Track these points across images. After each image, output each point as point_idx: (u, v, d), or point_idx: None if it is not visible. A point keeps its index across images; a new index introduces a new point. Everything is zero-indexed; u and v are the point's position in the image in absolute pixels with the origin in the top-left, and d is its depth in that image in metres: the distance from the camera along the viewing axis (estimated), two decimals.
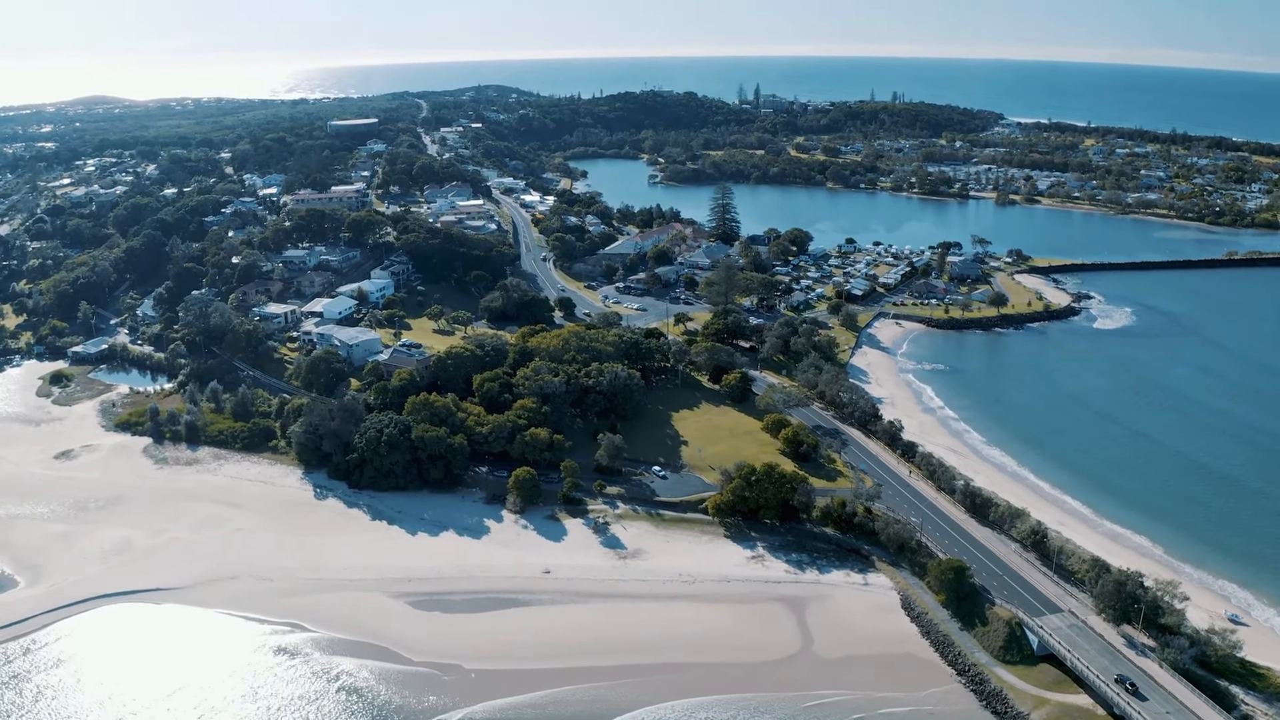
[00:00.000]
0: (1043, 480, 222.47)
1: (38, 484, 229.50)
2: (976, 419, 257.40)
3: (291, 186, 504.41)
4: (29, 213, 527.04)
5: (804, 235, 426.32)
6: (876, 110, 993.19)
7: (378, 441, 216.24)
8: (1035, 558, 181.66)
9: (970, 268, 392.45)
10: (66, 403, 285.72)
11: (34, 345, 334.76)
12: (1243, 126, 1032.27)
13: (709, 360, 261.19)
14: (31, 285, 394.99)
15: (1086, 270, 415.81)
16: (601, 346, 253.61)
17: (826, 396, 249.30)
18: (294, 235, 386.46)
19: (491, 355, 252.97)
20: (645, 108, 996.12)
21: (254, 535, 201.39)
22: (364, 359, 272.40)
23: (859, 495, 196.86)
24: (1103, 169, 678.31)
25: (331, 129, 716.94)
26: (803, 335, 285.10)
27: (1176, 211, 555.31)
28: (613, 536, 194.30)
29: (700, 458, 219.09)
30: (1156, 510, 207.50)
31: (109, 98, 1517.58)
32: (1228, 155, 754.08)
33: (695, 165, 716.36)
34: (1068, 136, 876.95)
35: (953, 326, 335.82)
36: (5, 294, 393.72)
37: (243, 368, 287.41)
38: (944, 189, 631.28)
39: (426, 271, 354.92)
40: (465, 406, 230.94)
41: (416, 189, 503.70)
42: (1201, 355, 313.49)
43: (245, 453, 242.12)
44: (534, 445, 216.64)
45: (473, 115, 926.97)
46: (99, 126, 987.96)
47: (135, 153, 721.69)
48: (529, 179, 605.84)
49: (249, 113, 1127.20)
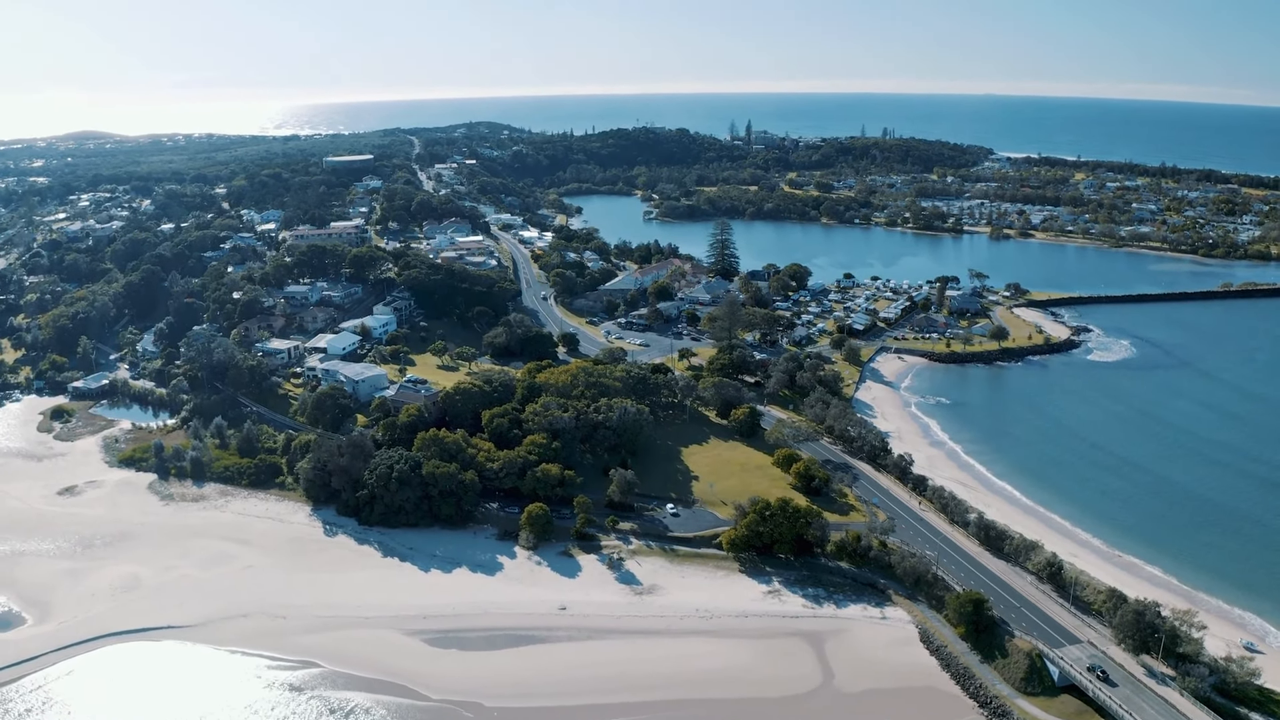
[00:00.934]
0: (1052, 513, 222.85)
1: (42, 520, 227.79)
2: (983, 452, 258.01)
3: (290, 222, 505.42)
4: (25, 247, 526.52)
5: (803, 270, 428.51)
6: (868, 146, 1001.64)
7: (388, 478, 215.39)
8: (1051, 589, 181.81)
9: (969, 302, 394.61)
10: (68, 438, 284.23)
11: (34, 380, 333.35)
12: (1231, 159, 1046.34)
13: (717, 395, 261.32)
14: (30, 320, 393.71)
15: (1084, 303, 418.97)
16: (609, 382, 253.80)
17: (835, 431, 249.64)
18: (295, 271, 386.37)
19: (499, 391, 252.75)
20: (638, 144, 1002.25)
21: (264, 572, 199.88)
22: (370, 395, 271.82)
23: (873, 529, 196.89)
24: (1094, 203, 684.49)
25: (327, 165, 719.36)
26: (808, 370, 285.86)
27: (1170, 244, 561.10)
28: (628, 572, 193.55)
29: (712, 493, 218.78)
30: (1165, 541, 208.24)
31: (99, 133, 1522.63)
32: (1217, 188, 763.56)
33: (690, 201, 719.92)
34: (1058, 171, 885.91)
35: (954, 360, 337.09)
36: (3, 328, 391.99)
37: (247, 403, 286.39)
38: (938, 224, 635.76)
39: (429, 307, 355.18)
40: (475, 442, 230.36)
41: (415, 225, 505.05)
42: (1201, 387, 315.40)
43: (252, 489, 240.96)
44: (545, 481, 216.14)
45: (466, 152, 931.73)
46: (90, 161, 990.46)
47: (129, 188, 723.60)
48: (525, 215, 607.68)
49: (241, 149, 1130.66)
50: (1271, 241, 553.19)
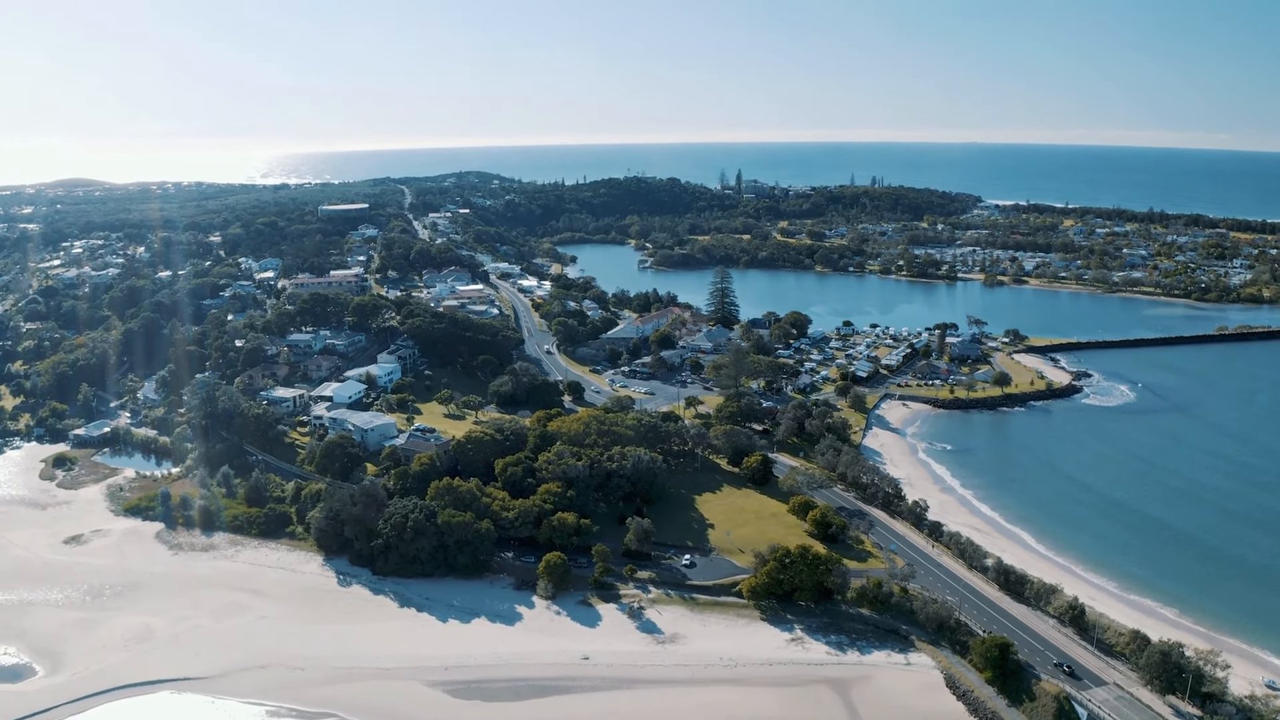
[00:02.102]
0: (1064, 557, 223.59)
1: (49, 569, 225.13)
2: (994, 498, 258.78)
3: (289, 271, 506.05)
4: (21, 293, 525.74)
5: (803, 318, 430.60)
6: (857, 194, 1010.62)
7: (403, 527, 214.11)
8: (1074, 632, 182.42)
9: (969, 348, 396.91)
10: (71, 486, 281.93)
11: (34, 427, 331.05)
12: (1215, 203, 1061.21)
13: (728, 443, 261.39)
14: (28, 366, 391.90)
15: (1082, 349, 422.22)
16: (621, 430, 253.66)
17: (848, 478, 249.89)
18: (297, 319, 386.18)
19: (511, 440, 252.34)
20: (629, 193, 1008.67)
21: (279, 623, 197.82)
22: (379, 444, 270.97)
23: (894, 575, 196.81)
24: (1085, 249, 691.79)
25: (323, 214, 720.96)
26: (817, 417, 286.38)
27: (1163, 289, 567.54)
28: (648, 621, 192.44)
29: (729, 541, 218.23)
30: (1177, 584, 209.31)
31: (88, 180, 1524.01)
32: (1206, 232, 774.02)
33: (684, 250, 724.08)
34: (1046, 218, 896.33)
35: (958, 406, 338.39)
36: (1, 375, 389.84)
37: (253, 452, 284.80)
38: (932, 271, 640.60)
39: (433, 356, 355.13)
40: (489, 491, 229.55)
41: (415, 273, 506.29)
42: (1203, 432, 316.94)
43: (262, 539, 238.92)
44: (562, 530, 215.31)
45: (460, 201, 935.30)
46: (80, 209, 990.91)
47: (122, 235, 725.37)
48: (522, 264, 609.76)
49: (231, 197, 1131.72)
50: (1264, 284, 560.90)
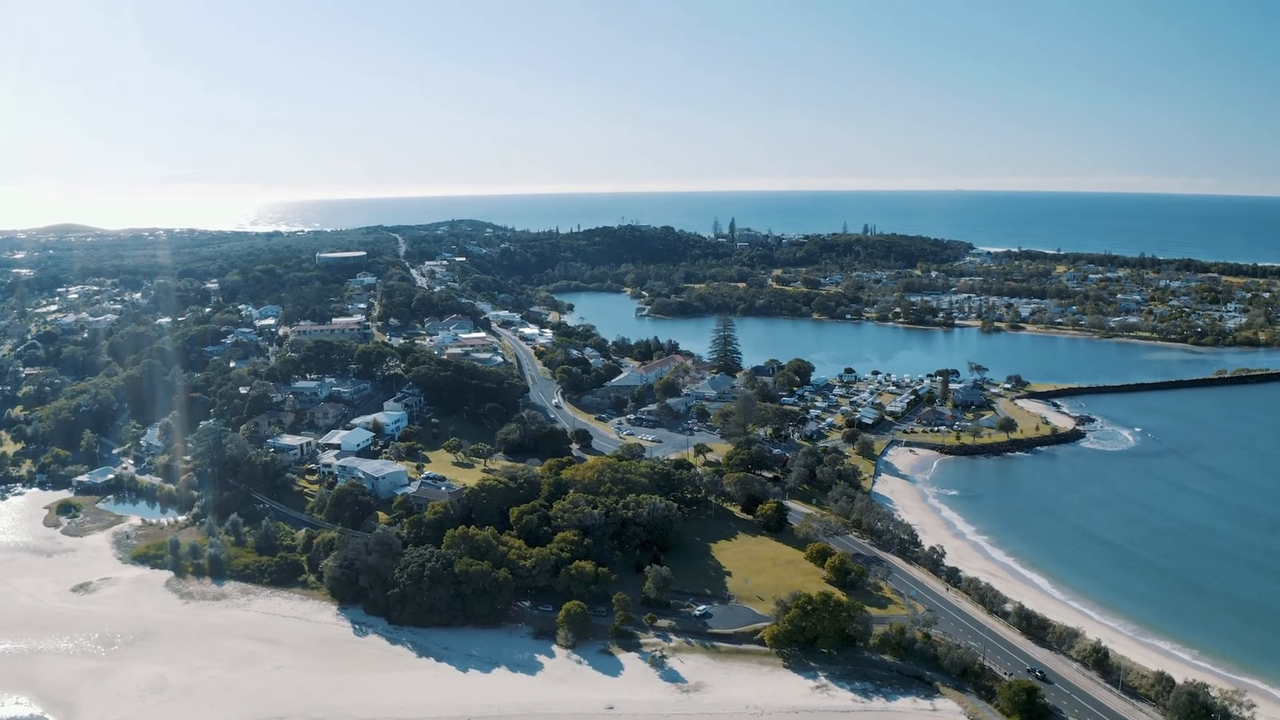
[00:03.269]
0: (1081, 600, 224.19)
1: (57, 617, 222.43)
2: (1007, 543, 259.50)
3: (290, 318, 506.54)
4: (19, 338, 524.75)
5: (806, 365, 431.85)
6: (850, 242, 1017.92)
7: (420, 576, 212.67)
8: (1098, 675, 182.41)
9: (972, 394, 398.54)
10: (77, 533, 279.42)
11: (36, 473, 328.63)
12: (1205, 247, 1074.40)
13: (742, 490, 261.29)
14: (28, 412, 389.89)
15: (1083, 394, 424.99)
16: (635, 478, 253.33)
17: (863, 525, 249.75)
18: (302, 366, 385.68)
19: (525, 488, 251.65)
20: (624, 241, 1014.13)
21: (296, 673, 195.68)
22: (390, 492, 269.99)
23: (916, 621, 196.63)
24: (1080, 294, 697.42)
25: (320, 261, 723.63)
26: (828, 464, 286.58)
27: (1159, 334, 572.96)
28: (671, 670, 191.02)
29: (747, 588, 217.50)
30: (1191, 627, 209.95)
31: (80, 226, 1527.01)
32: (1198, 276, 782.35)
33: (680, 298, 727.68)
34: (1039, 264, 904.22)
35: (965, 452, 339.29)
36: (1, 420, 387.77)
37: (261, 500, 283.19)
38: (929, 318, 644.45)
39: (438, 404, 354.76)
40: (505, 540, 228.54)
41: (416, 321, 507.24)
42: (1207, 476, 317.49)
43: (274, 587, 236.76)
44: (580, 578, 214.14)
45: (455, 249, 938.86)
46: (73, 255, 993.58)
47: (118, 281, 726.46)
48: (521, 312, 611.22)
49: (223, 244, 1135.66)
50: (1259, 328, 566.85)
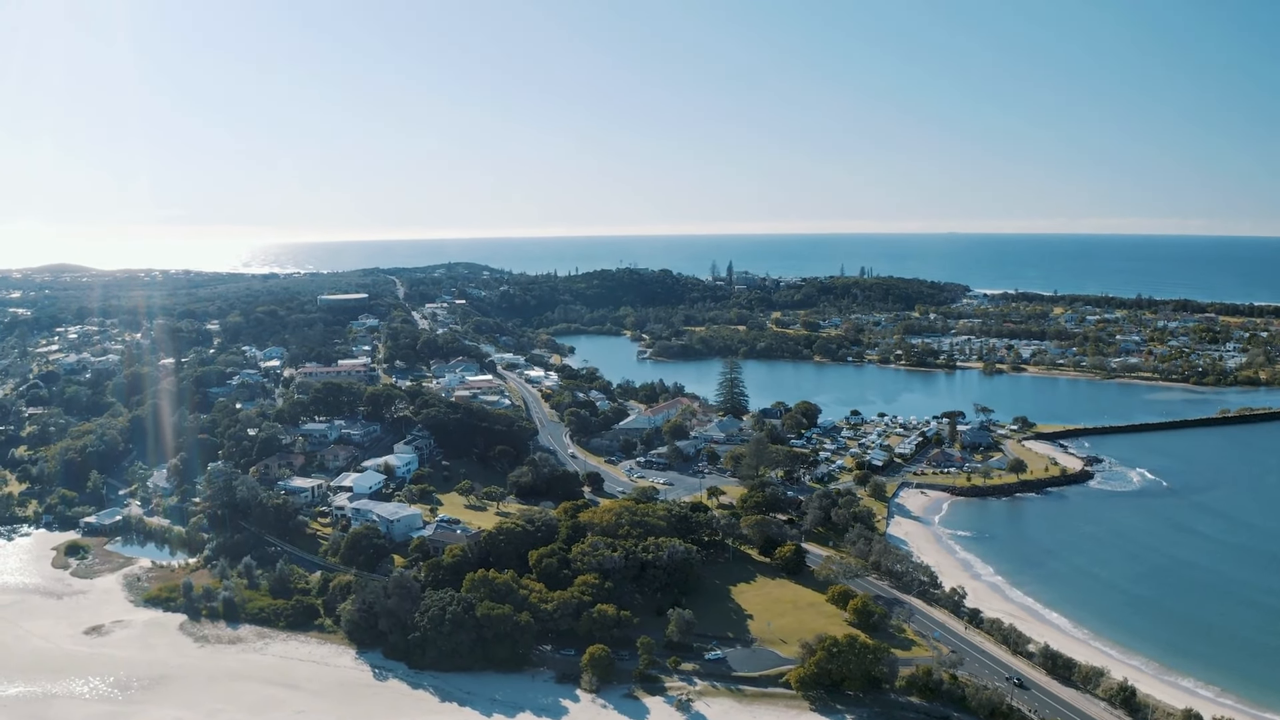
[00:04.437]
0: (1101, 640, 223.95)
1: (71, 661, 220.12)
2: (1024, 583, 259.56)
3: (295, 360, 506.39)
4: (21, 378, 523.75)
5: (813, 408, 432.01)
6: (848, 285, 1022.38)
7: (441, 620, 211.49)
8: (1124, 714, 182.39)
9: (980, 436, 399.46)
10: (86, 575, 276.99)
11: (42, 514, 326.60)
12: (1199, 288, 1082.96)
13: (759, 533, 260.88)
14: (32, 451, 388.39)
15: (1090, 434, 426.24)
16: (654, 521, 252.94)
17: (882, 567, 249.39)
18: (310, 408, 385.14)
19: (542, 531, 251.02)
20: (622, 284, 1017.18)
21: (318, 717, 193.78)
22: (405, 535, 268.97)
23: (942, 663, 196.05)
24: (1079, 335, 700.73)
25: (322, 303, 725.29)
26: (843, 506, 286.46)
27: (1160, 374, 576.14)
28: (697, 713, 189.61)
29: (770, 631, 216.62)
30: (1211, 666, 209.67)
31: (74, 266, 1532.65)
32: (1195, 317, 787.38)
33: (681, 341, 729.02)
34: (1036, 306, 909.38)
35: (976, 494, 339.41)
36: (4, 460, 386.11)
37: (274, 542, 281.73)
38: (930, 360, 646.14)
39: (448, 446, 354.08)
40: (525, 583, 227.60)
41: (421, 363, 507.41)
42: (1217, 516, 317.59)
43: (290, 631, 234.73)
44: (602, 622, 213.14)
45: (454, 292, 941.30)
46: (69, 295, 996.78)
47: (117, 321, 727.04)
48: (525, 355, 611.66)
49: (220, 285, 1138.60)
50: (1259, 367, 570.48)
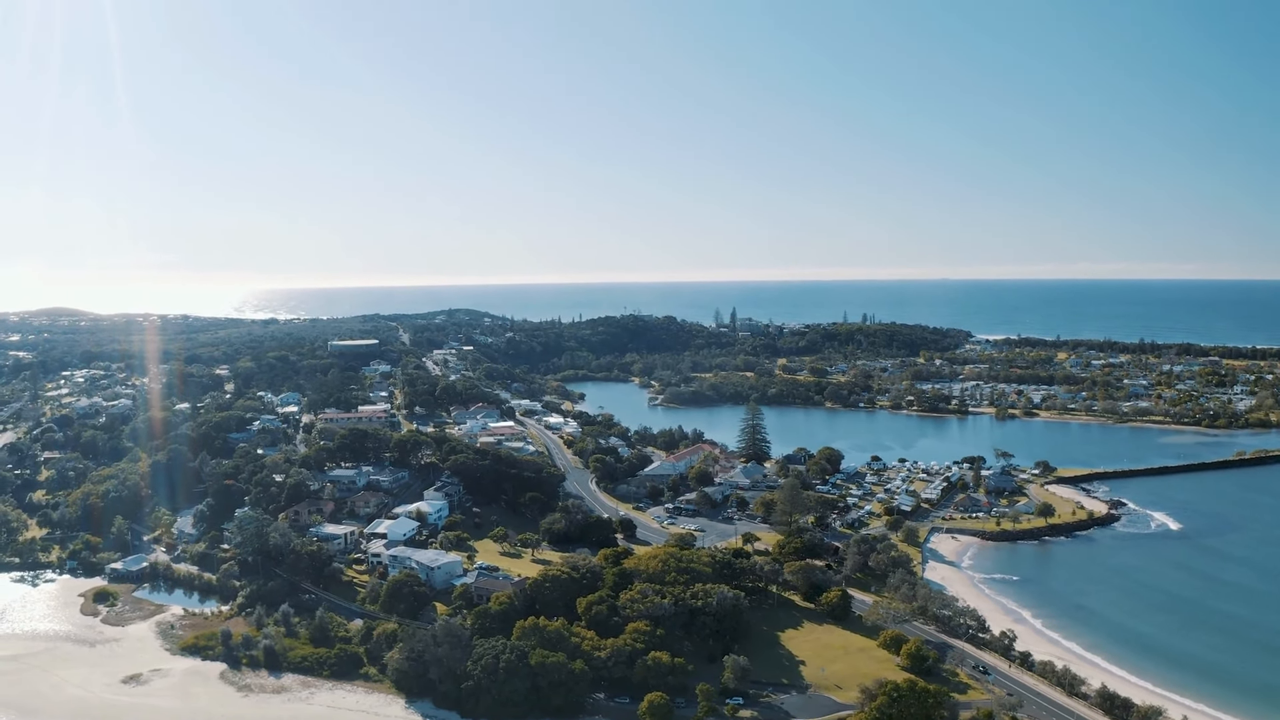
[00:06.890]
0: (1152, 679, 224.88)
1: (110, 710, 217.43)
2: (1065, 625, 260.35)
3: (314, 406, 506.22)
4: (34, 421, 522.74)
5: (837, 454, 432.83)
6: (853, 331, 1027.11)
7: (494, 668, 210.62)
8: None
9: (1004, 480, 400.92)
10: (118, 622, 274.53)
11: (66, 559, 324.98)
12: (1199, 332, 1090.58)
13: (804, 579, 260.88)
14: (51, 496, 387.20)
15: (1111, 478, 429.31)
16: (700, 567, 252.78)
17: (928, 611, 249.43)
18: (336, 454, 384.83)
19: (587, 578, 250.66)
20: (627, 331, 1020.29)
21: None
22: (446, 582, 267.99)
23: (1002, 705, 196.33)
24: (1087, 380, 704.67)
25: (333, 349, 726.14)
26: (881, 552, 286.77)
27: (1172, 418, 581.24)
28: None
29: (824, 677, 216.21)
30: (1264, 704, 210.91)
31: (72, 310, 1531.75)
32: (1199, 360, 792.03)
33: (692, 387, 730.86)
34: (1040, 351, 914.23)
35: (1006, 538, 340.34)
36: (23, 504, 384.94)
37: (309, 590, 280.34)
38: (942, 405, 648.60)
39: (477, 493, 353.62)
40: (576, 631, 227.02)
41: (440, 410, 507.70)
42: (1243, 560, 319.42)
43: (335, 680, 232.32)
44: (657, 669, 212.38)
45: (461, 338, 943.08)
46: (69, 339, 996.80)
47: (123, 365, 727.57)
48: (540, 401, 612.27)
49: (219, 330, 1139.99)
50: (1269, 409, 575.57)
